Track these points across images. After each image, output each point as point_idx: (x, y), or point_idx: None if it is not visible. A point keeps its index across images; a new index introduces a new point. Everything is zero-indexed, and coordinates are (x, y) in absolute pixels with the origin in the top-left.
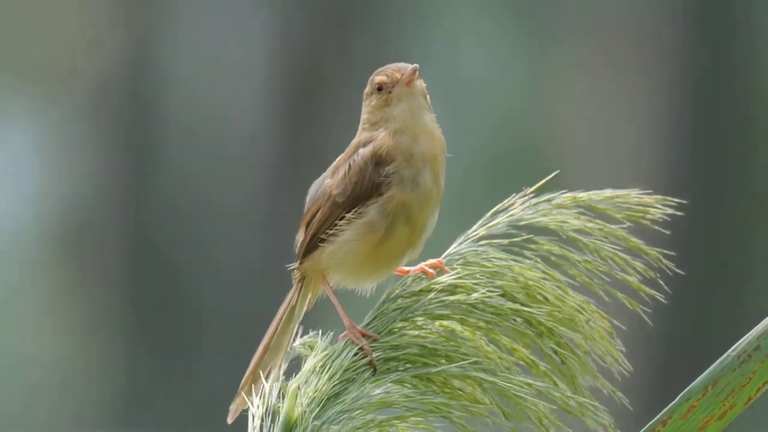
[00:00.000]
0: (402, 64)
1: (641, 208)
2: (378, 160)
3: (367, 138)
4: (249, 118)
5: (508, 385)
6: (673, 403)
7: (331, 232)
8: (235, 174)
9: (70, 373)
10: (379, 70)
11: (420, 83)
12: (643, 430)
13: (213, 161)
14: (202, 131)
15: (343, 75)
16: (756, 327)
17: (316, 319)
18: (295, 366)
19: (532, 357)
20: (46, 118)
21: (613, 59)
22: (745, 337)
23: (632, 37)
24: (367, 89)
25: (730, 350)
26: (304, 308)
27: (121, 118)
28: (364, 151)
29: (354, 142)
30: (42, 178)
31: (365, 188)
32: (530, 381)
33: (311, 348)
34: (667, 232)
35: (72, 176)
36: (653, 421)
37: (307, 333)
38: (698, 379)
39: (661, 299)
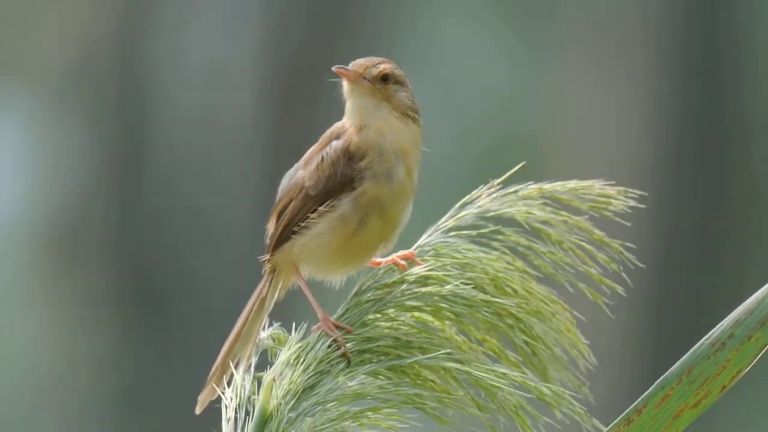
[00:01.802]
0: (365, 60)
1: (604, 199)
2: (349, 156)
3: (340, 129)
4: (240, 116)
5: (483, 375)
6: (648, 391)
7: (303, 224)
8: (227, 166)
9: (65, 372)
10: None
11: (367, 83)
12: (618, 419)
13: (204, 154)
14: (192, 124)
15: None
16: (729, 315)
17: (286, 311)
18: (263, 359)
19: (502, 348)
20: (35, 117)
21: (609, 60)
22: (719, 325)
23: (630, 39)
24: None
25: (704, 338)
26: (274, 299)
27: (110, 115)
28: (336, 144)
29: (328, 132)
30: (32, 176)
31: (338, 182)
32: (505, 371)
33: (276, 340)
34: (628, 224)
35: (62, 173)
36: (628, 410)
37: (276, 324)
38: (673, 368)
39: (621, 293)
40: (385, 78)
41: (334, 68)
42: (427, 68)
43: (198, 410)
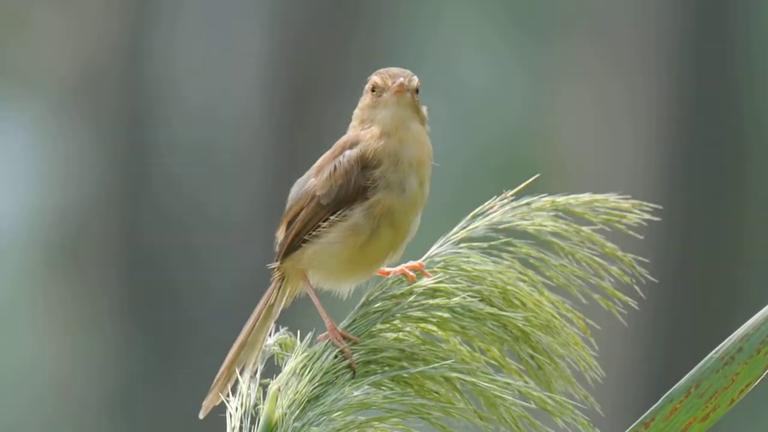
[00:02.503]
0: (400, 71)
1: (617, 212)
2: (365, 163)
3: (354, 139)
4: (245, 120)
5: (487, 385)
6: (656, 404)
7: (314, 233)
8: (229, 177)
9: (66, 376)
10: (380, 71)
11: (409, 95)
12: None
13: (206, 164)
14: (198, 134)
15: (340, 75)
16: (738, 329)
17: (291, 318)
18: (270, 366)
19: (506, 359)
20: (40, 124)
21: (611, 64)
22: (728, 338)
23: (633, 43)
24: (366, 86)
25: (713, 352)
26: (281, 307)
27: (116, 122)
28: (350, 153)
29: (341, 141)
30: (38, 183)
31: (351, 191)
32: (509, 381)
33: (283, 346)
34: (641, 237)
35: (68, 180)
36: (636, 422)
37: (283, 330)
38: (681, 381)
39: (633, 305)
40: (416, 90)
41: (398, 82)
42: (438, 78)
43: (201, 415)
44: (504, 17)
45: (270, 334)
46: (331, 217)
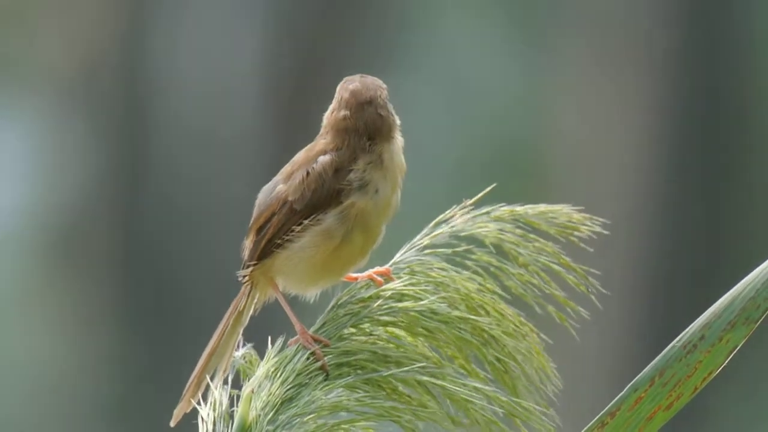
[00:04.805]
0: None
1: (570, 224)
2: (338, 166)
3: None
4: (243, 116)
5: (457, 389)
6: (621, 394)
7: (286, 237)
8: (230, 171)
9: (65, 373)
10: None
11: None
12: (592, 422)
13: (207, 159)
14: (196, 129)
15: (339, 72)
16: (700, 317)
17: (261, 324)
18: (239, 377)
19: (469, 362)
20: (39, 122)
21: (609, 61)
22: (689, 327)
23: (630, 40)
24: (386, 95)
25: (676, 340)
26: (250, 313)
27: (114, 120)
28: (324, 159)
29: (319, 147)
30: (34, 176)
31: (325, 195)
32: (478, 385)
33: (248, 361)
34: (591, 250)
35: (65, 174)
36: (602, 413)
37: (249, 345)
38: (645, 370)
39: (585, 316)
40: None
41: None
42: (437, 76)
43: (172, 423)
44: (502, 13)
45: (238, 347)
46: (305, 222)
